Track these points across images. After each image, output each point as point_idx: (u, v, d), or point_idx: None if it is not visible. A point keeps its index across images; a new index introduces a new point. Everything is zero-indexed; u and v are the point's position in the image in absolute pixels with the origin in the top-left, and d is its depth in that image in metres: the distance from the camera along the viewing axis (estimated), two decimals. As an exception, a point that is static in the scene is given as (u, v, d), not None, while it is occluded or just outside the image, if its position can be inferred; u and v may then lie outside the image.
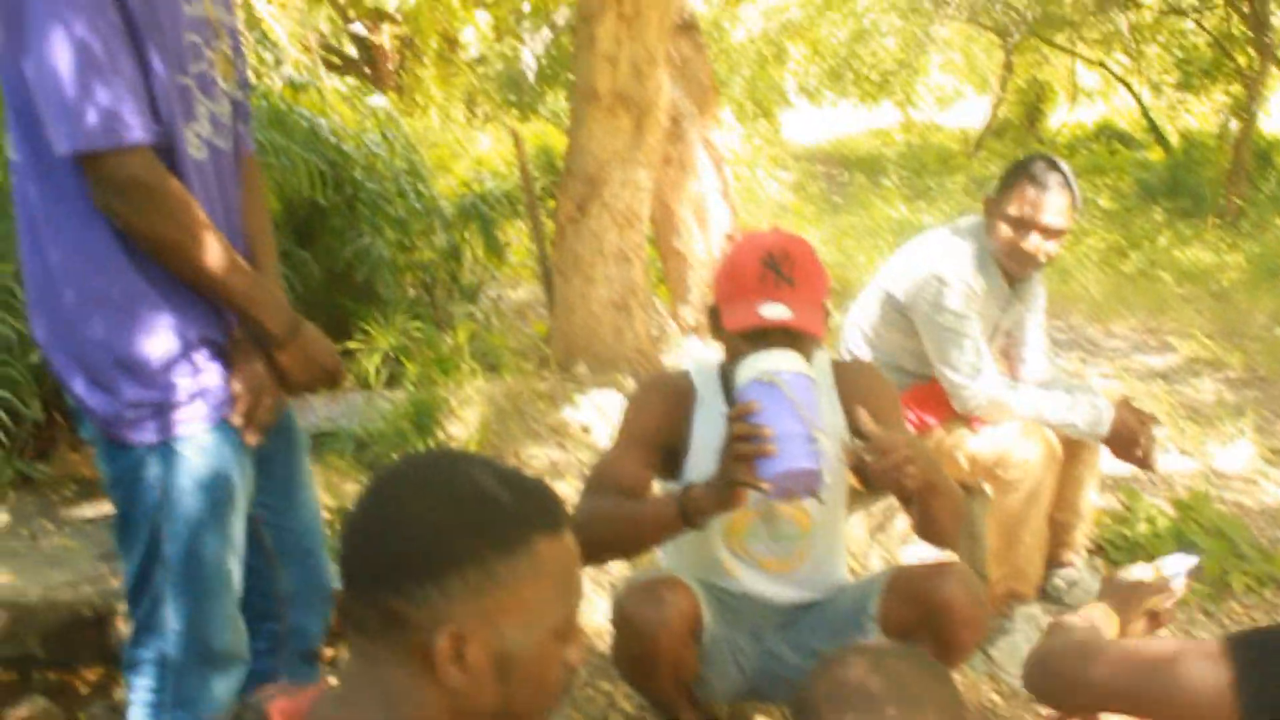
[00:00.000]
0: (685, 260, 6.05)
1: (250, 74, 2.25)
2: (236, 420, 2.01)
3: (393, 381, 5.19)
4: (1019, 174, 3.42)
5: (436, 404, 4.25)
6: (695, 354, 5.51)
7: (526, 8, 17.93)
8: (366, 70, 16.49)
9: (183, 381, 1.94)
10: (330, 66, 14.56)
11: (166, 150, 1.90)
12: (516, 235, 7.79)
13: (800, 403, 2.05)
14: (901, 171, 16.79)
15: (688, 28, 6.04)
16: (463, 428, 4.27)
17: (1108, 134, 21.12)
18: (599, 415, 4.22)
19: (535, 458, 4.05)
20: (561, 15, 17.81)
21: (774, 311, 2.22)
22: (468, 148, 11.16)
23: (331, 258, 5.98)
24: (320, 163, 5.92)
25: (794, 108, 23.84)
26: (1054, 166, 3.41)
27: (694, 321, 6.01)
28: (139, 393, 1.91)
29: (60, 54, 1.75)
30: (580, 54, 4.57)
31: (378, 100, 7.93)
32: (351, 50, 16.57)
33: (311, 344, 2.09)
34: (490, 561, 1.27)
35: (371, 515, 1.32)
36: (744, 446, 2.00)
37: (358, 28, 16.70)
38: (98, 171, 1.81)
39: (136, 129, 1.81)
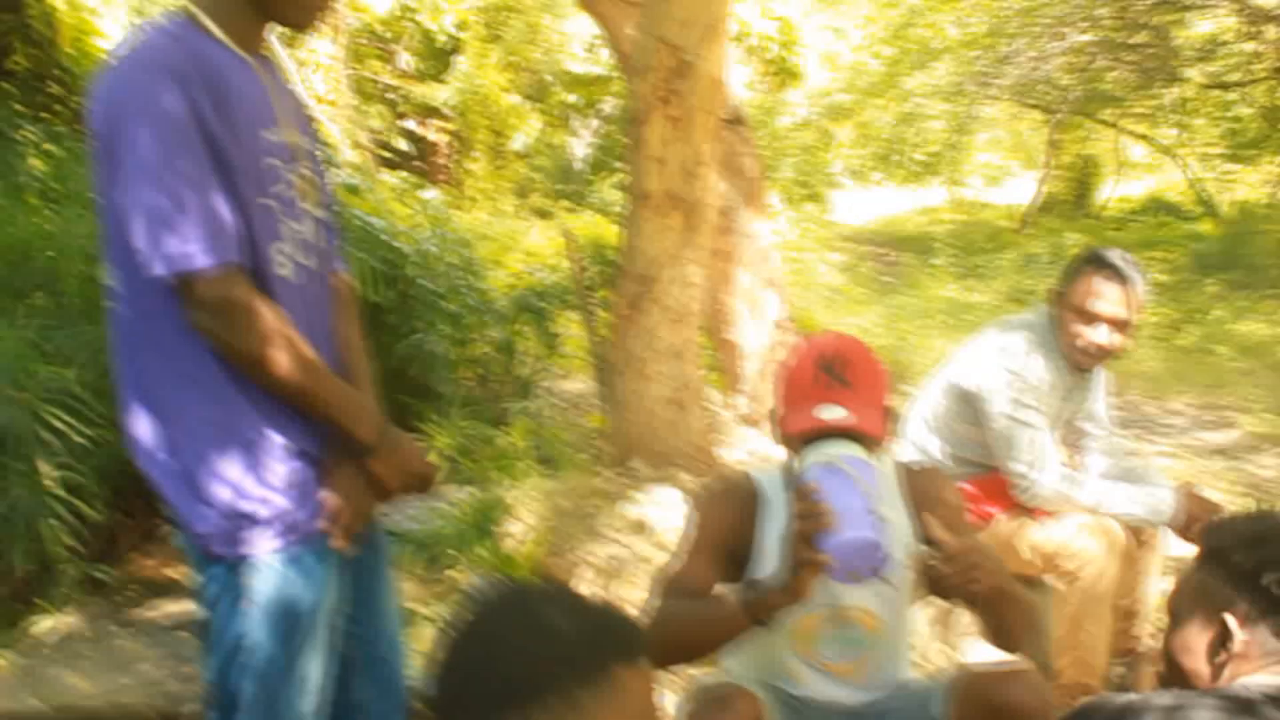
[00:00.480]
0: (737, 350, 6.09)
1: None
2: (328, 528, 2.06)
3: (451, 477, 5.23)
4: (1084, 266, 3.44)
5: (496, 505, 4.28)
6: (751, 447, 5.52)
7: (573, 97, 18.23)
8: (418, 164, 16.80)
9: (275, 495, 1.99)
10: (383, 162, 14.84)
11: (254, 270, 1.97)
12: (568, 326, 7.86)
13: (861, 479, 2.06)
14: (951, 250, 16.76)
15: (734, 121, 6.12)
16: (522, 527, 4.30)
17: (1157, 207, 21.06)
18: (657, 511, 4.23)
19: (594, 556, 4.06)
20: (609, 104, 18.09)
21: (831, 414, 2.23)
22: (519, 239, 11.30)
23: (387, 355, 6.07)
24: (375, 261, 6.03)
25: (842, 189, 23.95)
26: (1118, 258, 3.42)
27: (748, 411, 6.03)
28: (232, 506, 1.97)
29: (148, 182, 1.84)
30: (631, 155, 4.66)
31: (430, 194, 8.07)
32: (404, 145, 16.90)
33: (402, 450, 2.15)
34: (573, 692, 1.31)
35: (459, 651, 1.37)
36: (806, 524, 2.01)
37: (409, 124, 17.05)
38: (188, 292, 1.88)
39: (221, 250, 1.88)
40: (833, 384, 2.27)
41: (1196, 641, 1.90)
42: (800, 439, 2.26)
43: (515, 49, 16.77)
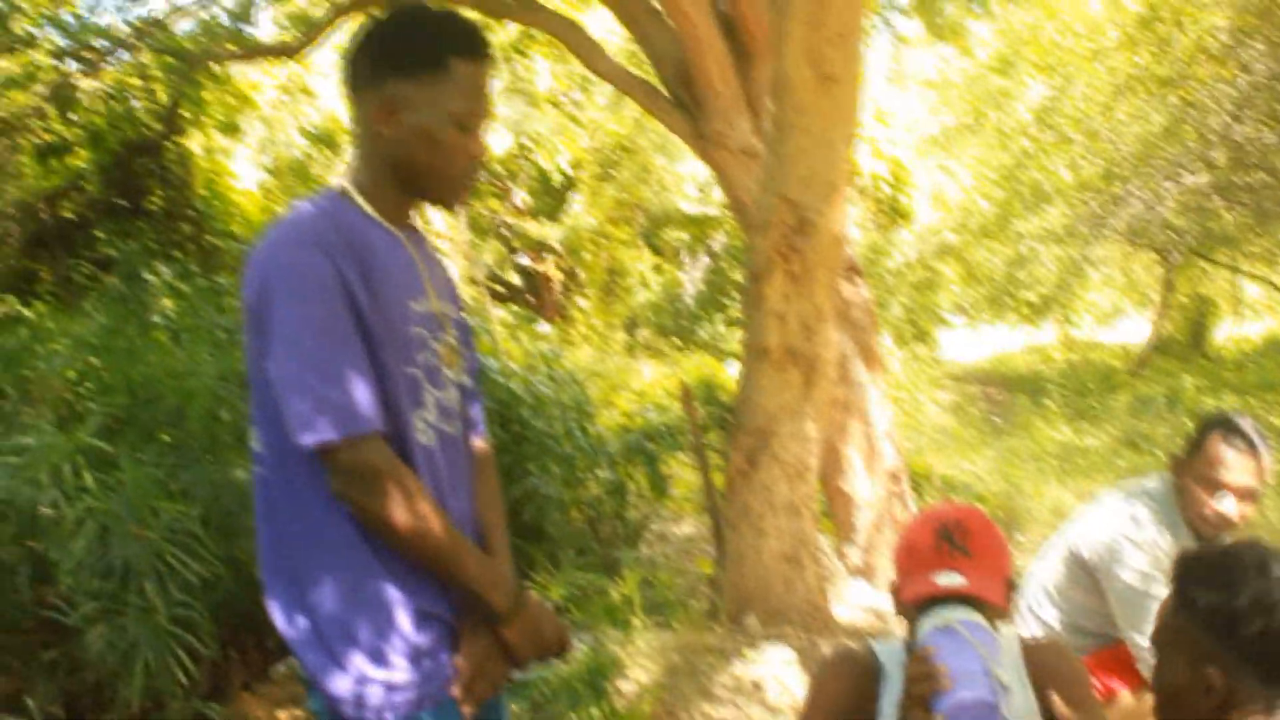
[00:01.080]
0: (851, 501, 6.02)
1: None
2: (458, 693, 2.05)
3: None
4: (1210, 434, 3.37)
5: (608, 662, 4.24)
6: (864, 602, 5.43)
7: (685, 235, 18.46)
8: (530, 298, 17.10)
9: (406, 661, 2.00)
10: (496, 296, 15.13)
11: (396, 437, 2.01)
12: (679, 467, 7.84)
13: (978, 643, 2.04)
14: (1063, 391, 16.49)
15: (850, 272, 6.14)
16: (634, 685, 4.24)
17: (1276, 348, 20.58)
18: (770, 672, 4.17)
19: (707, 717, 4.00)
20: (718, 242, 18.28)
21: (950, 581, 2.22)
22: (629, 378, 11.36)
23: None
24: (490, 403, 6.09)
25: (951, 327, 23.84)
26: (1246, 426, 3.35)
27: (861, 563, 5.95)
28: (363, 671, 1.97)
29: (297, 355, 1.91)
30: (750, 311, 4.68)
31: (543, 328, 8.16)
32: (516, 279, 17.23)
33: (536, 618, 2.15)
34: None
35: None
36: (919, 685, 1.99)
37: (522, 259, 17.39)
38: (332, 461, 1.93)
39: (366, 421, 1.93)
40: (953, 552, 2.27)
41: (1186, 692, 1.89)
42: (918, 606, 2.24)
43: (628, 188, 17.07)
